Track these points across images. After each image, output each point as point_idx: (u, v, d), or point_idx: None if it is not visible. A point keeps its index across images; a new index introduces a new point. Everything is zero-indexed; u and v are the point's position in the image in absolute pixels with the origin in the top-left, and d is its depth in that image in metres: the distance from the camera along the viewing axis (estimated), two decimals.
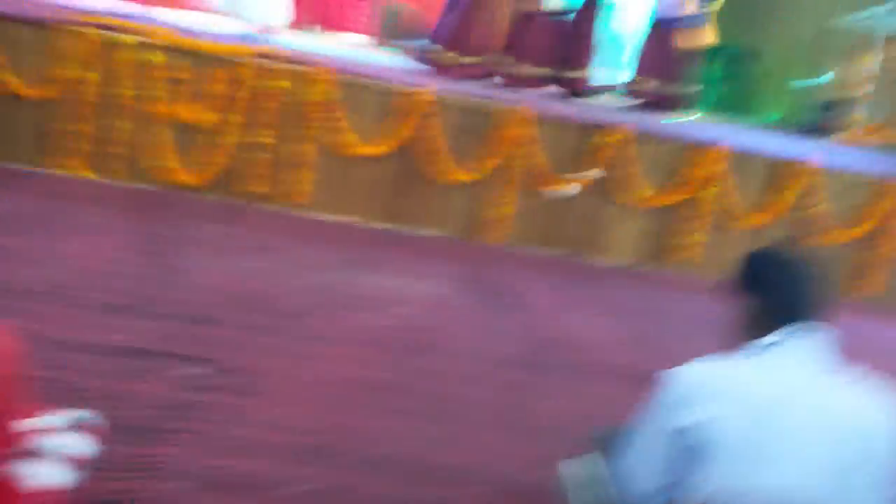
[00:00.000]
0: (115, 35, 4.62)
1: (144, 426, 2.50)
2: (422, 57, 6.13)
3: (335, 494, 2.44)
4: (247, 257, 4.13)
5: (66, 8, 4.84)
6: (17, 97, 4.58)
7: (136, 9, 5.36)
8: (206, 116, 4.76)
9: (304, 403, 2.87)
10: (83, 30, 4.57)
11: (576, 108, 5.67)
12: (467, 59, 6.00)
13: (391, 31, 7.20)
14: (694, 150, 5.30)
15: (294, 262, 4.22)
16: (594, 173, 5.19)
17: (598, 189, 5.25)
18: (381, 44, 6.90)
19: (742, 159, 5.37)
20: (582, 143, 5.18)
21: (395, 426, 2.86)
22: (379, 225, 5.08)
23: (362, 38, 6.75)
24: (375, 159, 5.00)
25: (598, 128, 5.18)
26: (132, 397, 2.63)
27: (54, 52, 4.57)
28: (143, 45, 4.64)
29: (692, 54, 6.56)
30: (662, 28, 6.49)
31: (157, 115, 4.71)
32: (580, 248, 5.35)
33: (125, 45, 4.62)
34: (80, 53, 4.57)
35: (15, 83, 4.56)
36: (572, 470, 1.92)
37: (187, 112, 4.74)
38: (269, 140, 4.86)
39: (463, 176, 5.06)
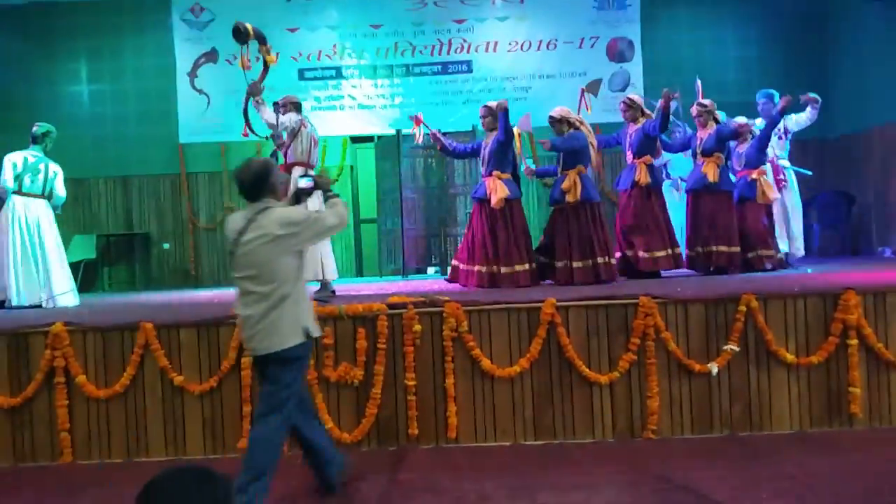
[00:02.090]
0: None
1: None
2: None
3: None
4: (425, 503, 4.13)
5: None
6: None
7: None
8: (354, 373, 5.03)
9: None
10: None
11: (698, 287, 5.74)
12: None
13: None
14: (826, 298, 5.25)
15: (467, 498, 4.18)
16: (729, 349, 5.15)
17: (742, 359, 5.18)
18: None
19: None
20: (711, 318, 5.22)
21: None
22: (532, 442, 5.06)
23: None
24: (514, 378, 5.11)
25: (721, 300, 5.22)
26: None
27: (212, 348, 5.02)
28: None
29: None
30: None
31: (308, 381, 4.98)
32: (740, 423, 5.17)
33: None
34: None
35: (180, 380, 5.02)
36: None
37: (335, 373, 5.02)
38: (411, 382, 5.05)
39: (603, 376, 5.10)
